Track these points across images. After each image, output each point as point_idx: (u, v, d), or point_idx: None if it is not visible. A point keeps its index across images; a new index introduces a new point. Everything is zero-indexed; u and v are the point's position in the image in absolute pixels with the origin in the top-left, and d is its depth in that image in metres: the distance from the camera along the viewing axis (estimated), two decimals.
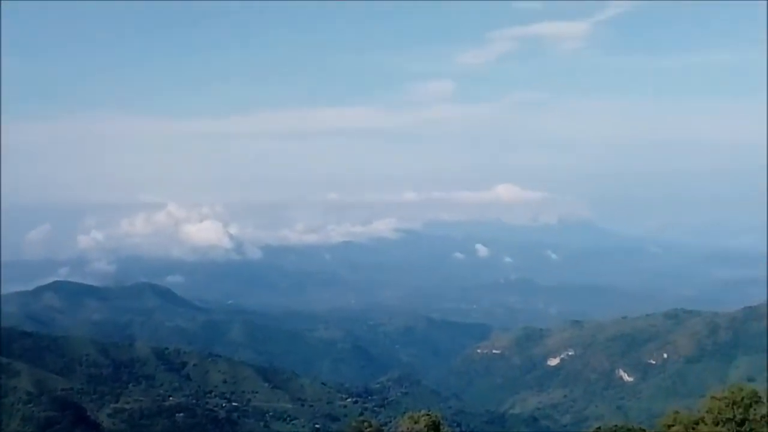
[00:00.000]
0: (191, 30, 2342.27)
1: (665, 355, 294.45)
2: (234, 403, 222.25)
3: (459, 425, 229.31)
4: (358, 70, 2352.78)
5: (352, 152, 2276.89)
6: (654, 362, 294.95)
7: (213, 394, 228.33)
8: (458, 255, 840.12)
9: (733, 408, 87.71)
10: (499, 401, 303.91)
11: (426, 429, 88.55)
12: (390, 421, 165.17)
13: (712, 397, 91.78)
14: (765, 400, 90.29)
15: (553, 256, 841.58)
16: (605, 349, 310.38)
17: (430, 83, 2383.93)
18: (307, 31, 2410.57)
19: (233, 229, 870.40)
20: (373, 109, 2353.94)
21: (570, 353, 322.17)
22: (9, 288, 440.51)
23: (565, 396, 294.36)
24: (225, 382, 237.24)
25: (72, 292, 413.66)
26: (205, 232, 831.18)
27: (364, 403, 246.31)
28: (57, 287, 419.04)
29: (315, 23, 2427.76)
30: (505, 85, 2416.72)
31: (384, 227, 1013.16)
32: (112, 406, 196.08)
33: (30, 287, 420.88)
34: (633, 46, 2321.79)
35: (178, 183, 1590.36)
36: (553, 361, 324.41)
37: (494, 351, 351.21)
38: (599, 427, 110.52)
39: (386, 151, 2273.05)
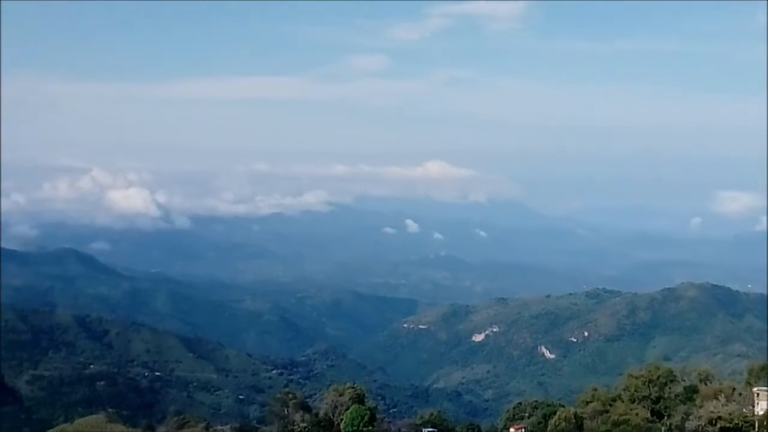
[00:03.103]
0: None
1: (586, 334, 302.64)
2: (157, 373, 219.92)
3: (383, 398, 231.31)
4: (292, 41, 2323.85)
5: (282, 123, 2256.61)
6: (575, 340, 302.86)
7: (135, 363, 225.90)
8: (388, 230, 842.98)
9: (649, 386, 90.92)
10: (423, 375, 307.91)
11: (350, 402, 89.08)
12: (315, 394, 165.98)
13: (630, 375, 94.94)
14: (680, 379, 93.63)
15: (482, 233, 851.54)
16: (529, 327, 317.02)
17: (362, 57, 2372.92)
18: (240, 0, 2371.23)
19: (161, 197, 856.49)
20: (305, 80, 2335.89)
21: (494, 330, 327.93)
22: None
23: (488, 372, 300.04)
24: (148, 351, 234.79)
25: None
26: (131, 199, 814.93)
27: (290, 375, 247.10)
28: None
29: None
30: (437, 62, 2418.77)
31: (314, 200, 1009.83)
32: (30, 372, 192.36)
33: None
34: (565, 30, 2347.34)
35: (103, 148, 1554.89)
36: (478, 338, 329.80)
37: (421, 326, 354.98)
38: (520, 402, 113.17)
39: (316, 124, 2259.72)
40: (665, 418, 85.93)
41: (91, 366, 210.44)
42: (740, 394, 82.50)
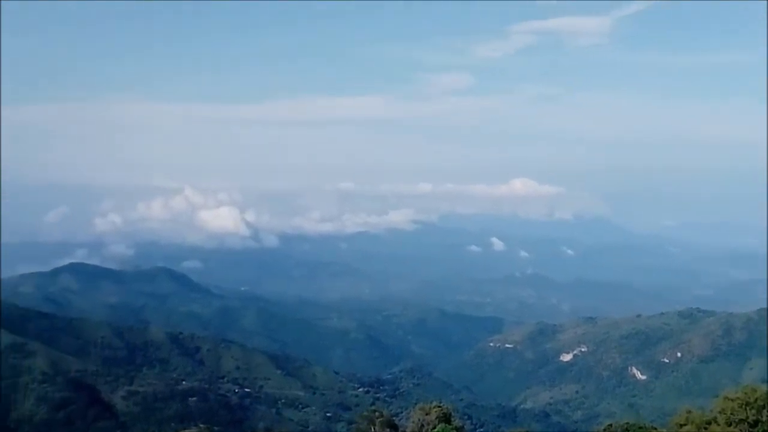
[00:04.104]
0: (212, 17, 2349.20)
1: (679, 354, 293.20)
2: (246, 389, 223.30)
3: (470, 418, 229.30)
4: (377, 61, 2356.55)
5: (368, 142, 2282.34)
6: (667, 361, 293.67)
7: (226, 379, 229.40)
8: (473, 248, 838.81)
9: (746, 409, 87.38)
10: (510, 395, 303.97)
11: (437, 420, 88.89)
12: (401, 412, 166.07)
13: (726, 398, 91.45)
14: None
15: (569, 251, 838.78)
16: (618, 347, 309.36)
17: (447, 75, 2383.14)
18: (327, 21, 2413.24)
19: (250, 216, 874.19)
20: (391, 99, 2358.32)
21: (583, 349, 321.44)
22: (26, 268, 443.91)
23: (577, 392, 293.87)
24: (238, 368, 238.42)
25: (89, 275, 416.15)
26: (221, 219, 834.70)
27: (376, 393, 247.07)
28: (74, 269, 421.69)
29: (335, 13, 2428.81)
30: (522, 78, 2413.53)
31: (399, 218, 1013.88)
32: (126, 388, 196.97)
33: (47, 268, 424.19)
34: (651, 43, 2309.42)
35: (195, 168, 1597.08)
36: (566, 357, 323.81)
37: (507, 345, 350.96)
38: (610, 424, 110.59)
39: (402, 142, 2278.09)
40: None
41: (184, 382, 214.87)
42: None
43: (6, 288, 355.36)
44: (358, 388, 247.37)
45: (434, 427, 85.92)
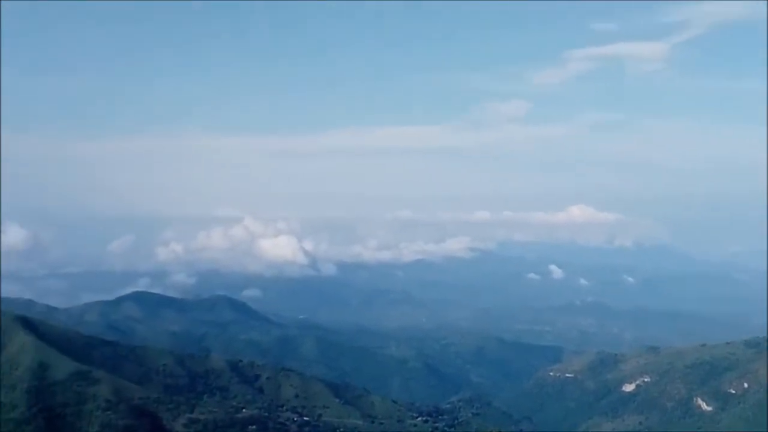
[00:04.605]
0: (268, 49, 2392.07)
1: (746, 385, 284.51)
2: (305, 418, 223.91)
3: None
4: (432, 90, 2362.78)
5: (425, 170, 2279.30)
6: (734, 392, 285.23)
7: (285, 407, 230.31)
8: (532, 276, 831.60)
9: None
10: (571, 426, 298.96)
11: None
12: None
13: None
14: None
15: (630, 279, 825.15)
16: (683, 377, 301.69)
17: (503, 103, 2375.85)
18: (383, 51, 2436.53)
19: (308, 245, 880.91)
20: (448, 128, 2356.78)
21: (646, 379, 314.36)
22: (91, 297, 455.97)
23: (640, 423, 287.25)
24: (297, 396, 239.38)
25: (151, 303, 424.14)
26: (280, 248, 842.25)
27: (435, 422, 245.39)
28: (137, 297, 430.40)
29: (390, 43, 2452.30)
30: (580, 105, 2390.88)
31: (457, 246, 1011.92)
32: (187, 416, 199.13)
33: (111, 297, 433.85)
34: (711, 68, 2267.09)
35: (255, 198, 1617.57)
36: (629, 387, 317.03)
37: (567, 374, 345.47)
38: None
39: (458, 170, 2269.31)
40: None
41: (244, 410, 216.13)
42: None
43: (72, 316, 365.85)
44: (417, 417, 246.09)
45: None
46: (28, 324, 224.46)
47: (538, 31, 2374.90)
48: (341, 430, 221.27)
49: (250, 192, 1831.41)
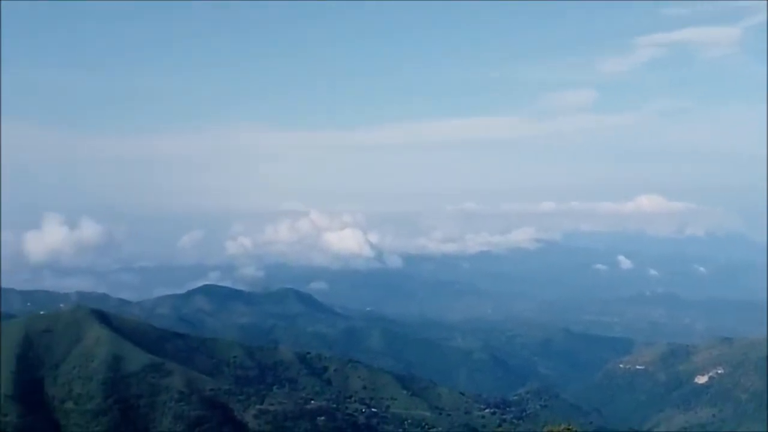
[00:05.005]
0: (333, 47, 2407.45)
1: None
2: (373, 409, 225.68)
3: None
4: (498, 81, 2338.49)
5: (490, 162, 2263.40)
6: None
7: (353, 399, 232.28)
8: (599, 266, 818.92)
9: None
10: (642, 418, 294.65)
11: None
12: None
13: None
14: None
15: (701, 269, 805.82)
16: (758, 368, 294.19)
17: (571, 92, 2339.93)
18: (448, 43, 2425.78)
19: (373, 238, 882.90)
20: (514, 119, 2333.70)
21: (719, 371, 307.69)
22: (163, 291, 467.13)
23: (713, 416, 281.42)
24: (364, 387, 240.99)
25: (221, 296, 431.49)
26: (346, 240, 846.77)
27: (503, 414, 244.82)
28: (207, 291, 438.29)
29: (455, 34, 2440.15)
30: (649, 93, 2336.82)
31: (522, 237, 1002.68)
32: (257, 407, 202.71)
33: (182, 290, 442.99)
34: None
35: (321, 192, 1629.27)
36: (701, 379, 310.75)
37: (638, 366, 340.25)
38: None
39: (525, 161, 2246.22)
40: None
41: (312, 401, 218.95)
42: None
43: (144, 310, 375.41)
44: (484, 409, 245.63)
45: None
46: (102, 317, 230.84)
47: (607, 19, 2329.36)
48: (409, 421, 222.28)
49: (314, 186, 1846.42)
